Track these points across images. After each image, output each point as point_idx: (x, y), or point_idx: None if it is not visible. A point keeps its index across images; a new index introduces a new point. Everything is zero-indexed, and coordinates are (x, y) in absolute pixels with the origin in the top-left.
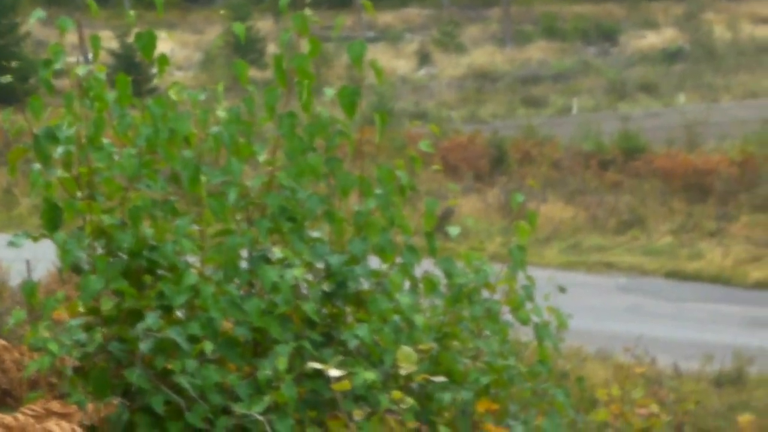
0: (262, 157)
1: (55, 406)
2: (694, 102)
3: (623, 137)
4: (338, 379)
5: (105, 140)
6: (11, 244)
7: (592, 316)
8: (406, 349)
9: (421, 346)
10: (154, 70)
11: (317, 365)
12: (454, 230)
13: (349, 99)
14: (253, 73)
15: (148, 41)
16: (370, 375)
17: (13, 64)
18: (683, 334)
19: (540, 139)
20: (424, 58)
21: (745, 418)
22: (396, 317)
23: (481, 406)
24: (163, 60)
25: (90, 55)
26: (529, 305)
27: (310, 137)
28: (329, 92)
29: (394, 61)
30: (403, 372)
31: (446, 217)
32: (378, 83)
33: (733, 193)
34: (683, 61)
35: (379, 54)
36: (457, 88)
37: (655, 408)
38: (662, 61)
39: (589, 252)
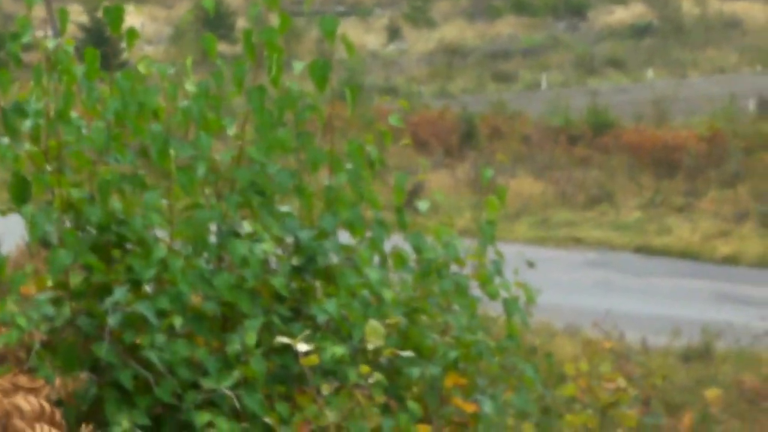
0: (232, 132)
1: (23, 380)
2: (663, 77)
3: (592, 112)
4: (307, 353)
5: (73, 114)
6: None
7: (560, 291)
8: (373, 324)
9: (390, 321)
10: (124, 44)
11: (286, 340)
12: (423, 205)
13: (320, 73)
14: (223, 47)
15: (116, 15)
16: (338, 350)
17: None
18: (651, 309)
19: (509, 114)
20: (393, 33)
21: (712, 392)
22: (365, 292)
23: (450, 381)
24: (132, 34)
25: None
26: (498, 280)
27: (280, 111)
28: (298, 66)
29: (364, 36)
30: (371, 347)
31: (416, 192)
32: (349, 58)
33: (701, 169)
34: (652, 37)
35: (348, 29)
36: (426, 63)
37: (622, 382)
38: (631, 36)
39: (557, 227)
